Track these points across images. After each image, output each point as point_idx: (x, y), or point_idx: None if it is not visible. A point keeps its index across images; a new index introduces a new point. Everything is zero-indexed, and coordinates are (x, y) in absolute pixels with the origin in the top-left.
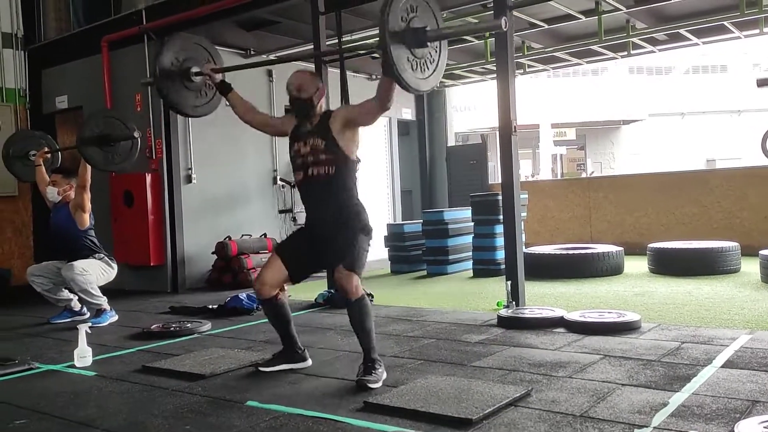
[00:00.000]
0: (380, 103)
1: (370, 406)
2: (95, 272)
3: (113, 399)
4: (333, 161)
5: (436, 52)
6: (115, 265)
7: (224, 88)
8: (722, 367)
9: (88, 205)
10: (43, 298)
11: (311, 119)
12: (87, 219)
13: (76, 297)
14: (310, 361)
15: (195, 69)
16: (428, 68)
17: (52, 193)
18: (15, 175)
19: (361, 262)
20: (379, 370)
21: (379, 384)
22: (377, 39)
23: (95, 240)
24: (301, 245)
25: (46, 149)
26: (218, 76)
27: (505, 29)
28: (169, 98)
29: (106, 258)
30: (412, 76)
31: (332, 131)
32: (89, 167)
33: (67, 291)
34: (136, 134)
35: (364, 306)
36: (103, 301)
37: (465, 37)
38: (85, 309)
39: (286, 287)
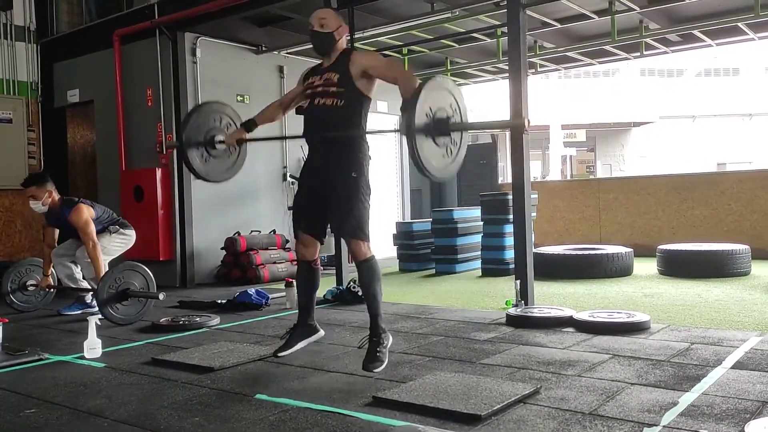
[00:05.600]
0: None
1: (378, 400)
2: (112, 249)
3: (122, 390)
4: (344, 95)
5: (457, 143)
6: (130, 231)
7: (251, 129)
8: (732, 368)
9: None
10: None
11: (330, 55)
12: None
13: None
14: (323, 332)
15: (219, 138)
16: (453, 148)
17: (36, 206)
18: (15, 308)
19: (364, 222)
20: (384, 349)
21: (384, 365)
22: (394, 35)
23: (104, 220)
24: (309, 206)
25: (49, 281)
26: (243, 138)
27: (527, 128)
28: (206, 177)
29: (119, 229)
30: (438, 168)
31: (350, 69)
32: (97, 256)
33: (85, 282)
34: (161, 296)
35: (370, 267)
36: None
37: (477, 35)
38: (95, 302)
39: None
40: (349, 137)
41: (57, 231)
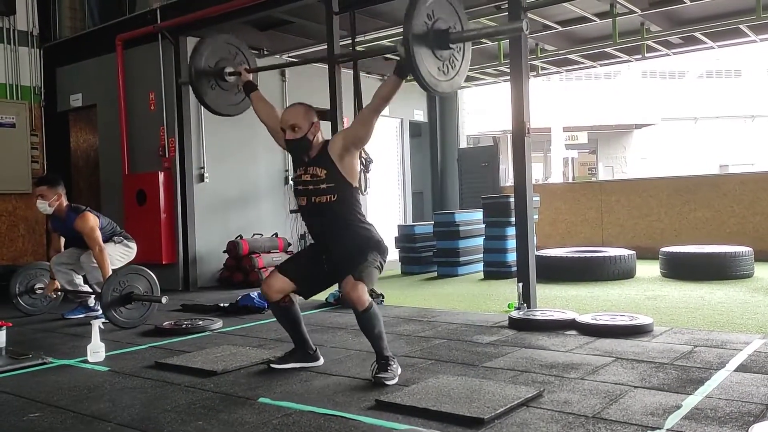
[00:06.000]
0: (377, 103)
1: (381, 404)
2: (114, 258)
3: (126, 394)
4: (335, 189)
5: (460, 54)
6: (133, 243)
7: (249, 88)
8: (736, 370)
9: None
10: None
11: (309, 153)
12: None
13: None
14: (321, 360)
15: (229, 69)
16: (451, 70)
17: (43, 207)
18: (22, 311)
19: (370, 274)
20: (394, 366)
21: (396, 380)
22: (395, 39)
23: (107, 231)
24: (310, 268)
25: (56, 286)
26: (249, 76)
27: (526, 31)
28: (203, 97)
29: (123, 240)
30: (432, 77)
31: (333, 160)
32: (104, 260)
33: (87, 287)
34: (164, 300)
35: (371, 316)
36: None
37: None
38: (98, 305)
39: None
40: (353, 229)
41: (63, 237)
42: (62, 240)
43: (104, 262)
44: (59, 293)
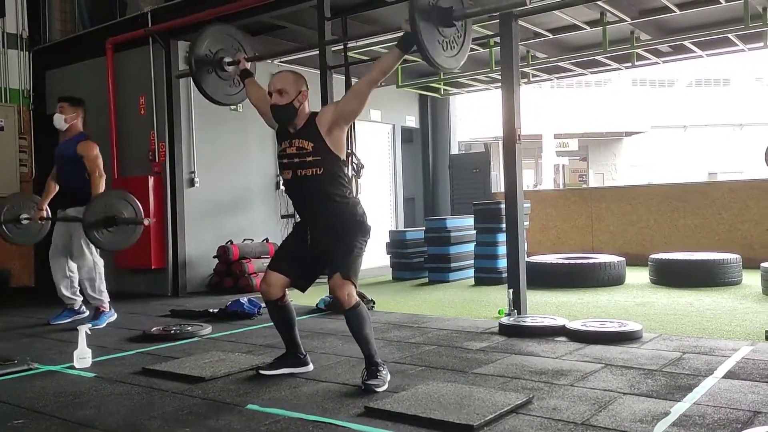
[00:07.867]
0: (375, 76)
1: (370, 411)
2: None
3: (112, 400)
4: (321, 162)
5: (461, 37)
6: None
7: (245, 74)
8: (724, 377)
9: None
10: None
11: (295, 123)
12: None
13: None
14: (311, 366)
15: (228, 59)
16: (454, 47)
17: (58, 121)
18: (6, 239)
19: (356, 268)
20: (383, 372)
21: (385, 386)
22: (387, 45)
23: None
24: (298, 253)
25: (42, 213)
26: (247, 64)
27: (528, 5)
28: (202, 84)
29: None
30: (436, 51)
31: (320, 132)
32: (100, 184)
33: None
34: (146, 222)
35: (359, 314)
36: (105, 300)
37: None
38: (84, 308)
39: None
40: (336, 205)
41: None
42: (54, 187)
43: (98, 187)
44: (46, 221)
